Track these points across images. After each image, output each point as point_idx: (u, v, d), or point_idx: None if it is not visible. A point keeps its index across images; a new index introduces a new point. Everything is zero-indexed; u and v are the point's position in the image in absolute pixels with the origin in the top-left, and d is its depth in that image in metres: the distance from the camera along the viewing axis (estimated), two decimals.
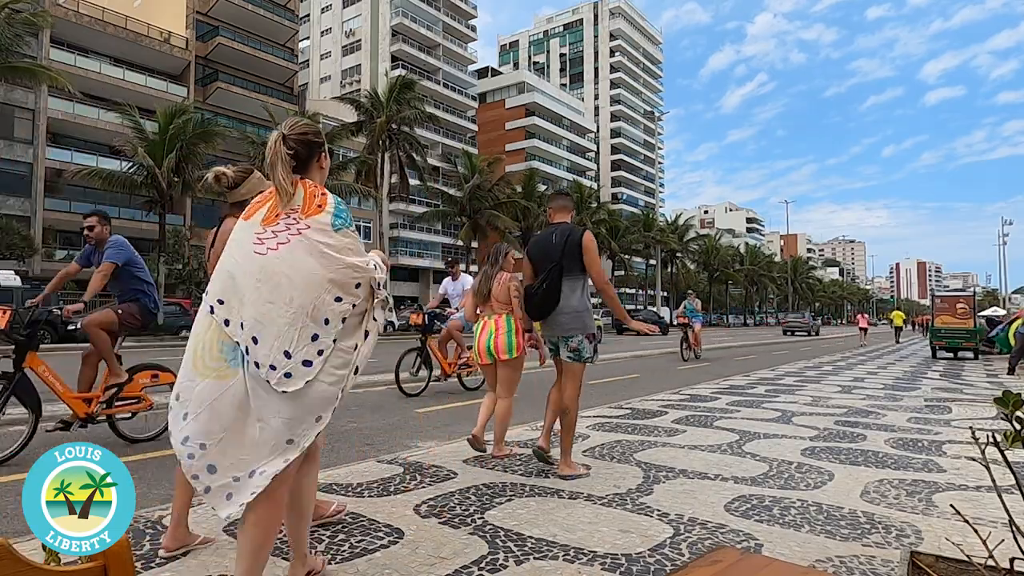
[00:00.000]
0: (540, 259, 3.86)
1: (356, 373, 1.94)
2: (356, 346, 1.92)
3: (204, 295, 1.93)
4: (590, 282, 3.87)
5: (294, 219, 1.89)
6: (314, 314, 1.82)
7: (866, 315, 31.40)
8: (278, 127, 2.01)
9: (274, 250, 1.85)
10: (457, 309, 8.12)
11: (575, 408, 3.86)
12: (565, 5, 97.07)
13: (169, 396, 1.93)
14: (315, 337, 1.82)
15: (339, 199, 1.96)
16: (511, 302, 4.26)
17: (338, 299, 1.86)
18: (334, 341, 1.85)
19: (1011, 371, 12.26)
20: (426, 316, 8.42)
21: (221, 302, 1.86)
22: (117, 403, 5.03)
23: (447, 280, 8.59)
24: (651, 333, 4.47)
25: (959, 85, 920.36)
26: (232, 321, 1.83)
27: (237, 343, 1.81)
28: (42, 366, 4.75)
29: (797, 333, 42.10)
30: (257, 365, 1.78)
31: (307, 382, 1.80)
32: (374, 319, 1.98)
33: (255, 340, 1.79)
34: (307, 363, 1.81)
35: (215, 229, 2.60)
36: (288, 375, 1.78)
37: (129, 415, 5.22)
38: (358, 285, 1.90)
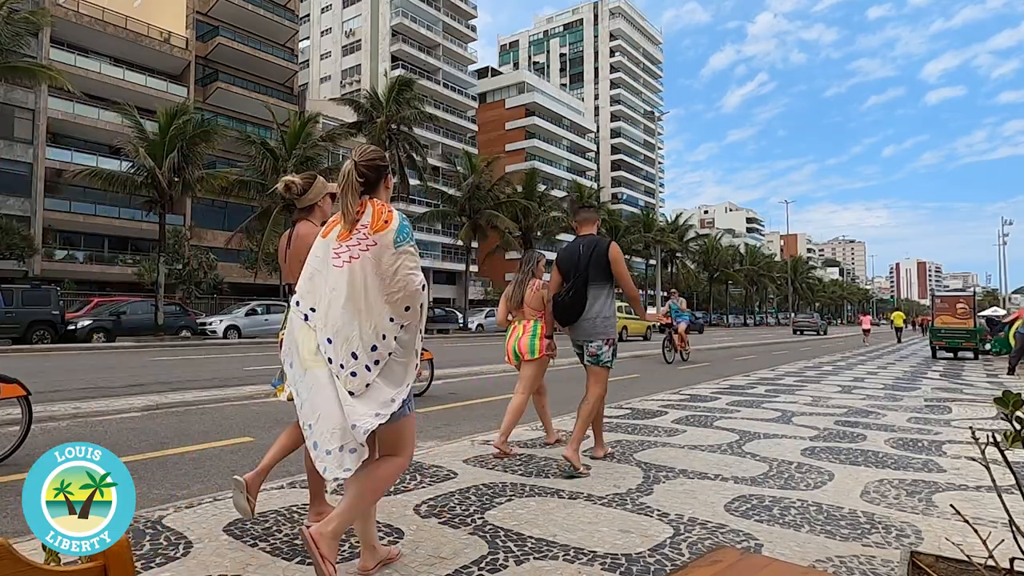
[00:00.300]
0: (567, 269, 4.09)
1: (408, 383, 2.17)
2: (411, 360, 2.18)
3: (294, 302, 2.23)
4: (616, 290, 4.13)
5: (364, 235, 2.15)
6: (375, 327, 2.09)
7: (869, 316, 31.74)
8: (351, 155, 2.27)
9: (348, 263, 2.13)
10: None
11: (597, 407, 4.08)
12: (565, 5, 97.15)
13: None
14: (374, 348, 2.08)
15: (404, 216, 2.21)
16: (542, 308, 4.43)
17: (391, 319, 2.11)
18: (389, 354, 2.11)
19: (1011, 371, 12.26)
20: None
21: (313, 310, 2.17)
22: None
23: None
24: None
25: (960, 85, 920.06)
26: (317, 325, 2.13)
27: (317, 335, 2.12)
28: None
29: (806, 333, 44.40)
30: (330, 361, 2.07)
31: (367, 384, 2.06)
32: (415, 342, 2.20)
33: (329, 341, 2.09)
34: (368, 368, 2.07)
35: (289, 232, 2.87)
36: (353, 374, 2.05)
37: None
38: (407, 308, 2.13)
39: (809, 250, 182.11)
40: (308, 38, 61.39)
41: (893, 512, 3.13)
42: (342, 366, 2.06)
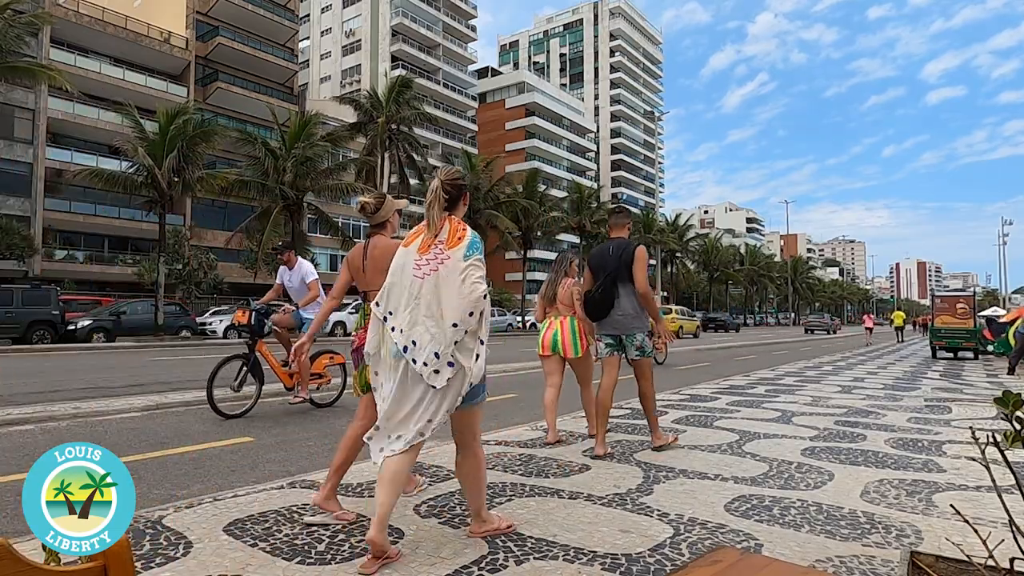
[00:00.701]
0: (598, 268, 4.46)
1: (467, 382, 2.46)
2: (482, 357, 2.49)
3: (375, 304, 2.58)
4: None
5: (440, 250, 2.49)
6: (453, 331, 2.39)
7: (872, 315, 32.84)
8: (436, 175, 2.61)
9: (428, 275, 2.46)
10: (297, 307, 6.69)
11: (652, 394, 4.53)
12: (565, 5, 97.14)
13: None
14: (454, 345, 2.41)
15: (475, 233, 2.54)
16: (574, 305, 4.78)
17: (454, 325, 2.40)
18: (463, 352, 2.43)
19: (1011, 371, 12.26)
20: (254, 314, 6.44)
21: (391, 313, 2.51)
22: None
23: (282, 269, 6.79)
24: (668, 342, 4.90)
25: (960, 85, 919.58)
26: (395, 328, 2.46)
27: (396, 343, 2.44)
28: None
29: (817, 332, 48.56)
30: (414, 361, 2.39)
31: (448, 379, 2.39)
32: (481, 341, 2.49)
33: (414, 343, 2.41)
34: (450, 364, 2.39)
35: (364, 244, 3.22)
36: (437, 371, 2.38)
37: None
38: (471, 313, 2.43)
39: (809, 250, 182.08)
40: (308, 38, 61.39)
41: (893, 512, 3.13)
42: (425, 364, 2.38)
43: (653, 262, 53.83)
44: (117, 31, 35.62)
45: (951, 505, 2.03)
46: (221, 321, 23.34)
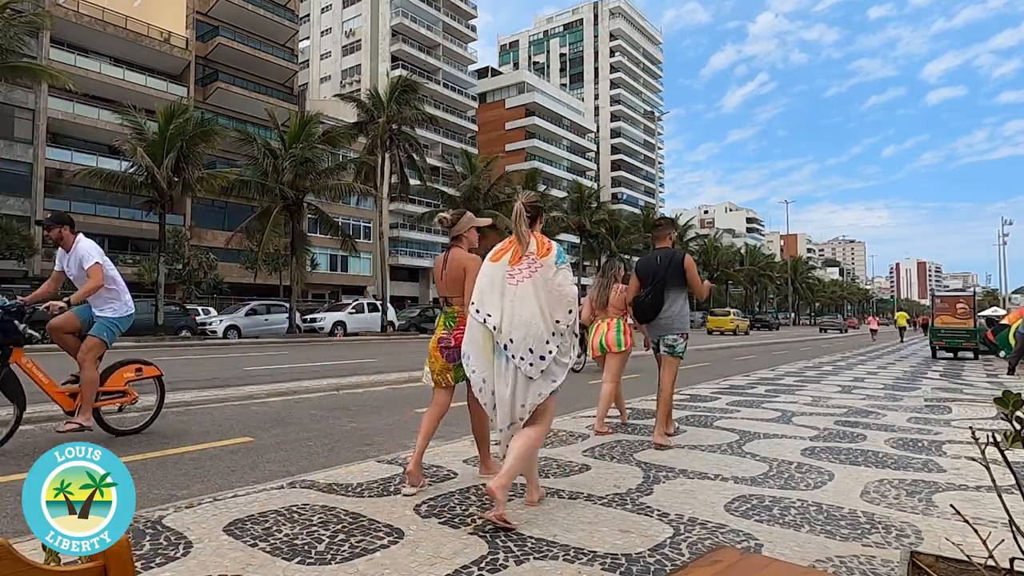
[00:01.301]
0: (645, 276, 4.89)
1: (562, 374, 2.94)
2: (571, 352, 2.98)
3: (474, 310, 3.03)
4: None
5: (532, 259, 2.96)
6: (546, 328, 2.86)
7: (876, 317, 34.53)
8: (518, 198, 3.11)
9: (522, 282, 2.92)
10: (68, 303, 5.01)
11: (671, 389, 4.89)
12: (565, 5, 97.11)
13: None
14: (546, 343, 2.87)
15: (559, 245, 3.04)
16: (625, 307, 5.26)
17: (557, 321, 2.89)
18: (557, 347, 2.89)
19: (1011, 371, 12.26)
20: (4, 313, 4.64)
21: (490, 315, 2.93)
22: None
23: (59, 252, 5.23)
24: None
25: (961, 85, 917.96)
26: (496, 327, 2.90)
27: (497, 342, 2.90)
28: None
29: (830, 331, 53.72)
30: (512, 356, 2.85)
31: (541, 372, 2.85)
32: (575, 334, 2.99)
33: (511, 340, 2.86)
34: (542, 358, 2.85)
35: (444, 255, 3.59)
36: (531, 364, 2.84)
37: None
38: (570, 311, 2.91)
39: (809, 250, 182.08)
40: (308, 38, 61.38)
41: (893, 512, 3.13)
42: (522, 358, 2.84)
43: None
44: (117, 31, 35.63)
45: (951, 505, 2.03)
46: (221, 321, 23.31)
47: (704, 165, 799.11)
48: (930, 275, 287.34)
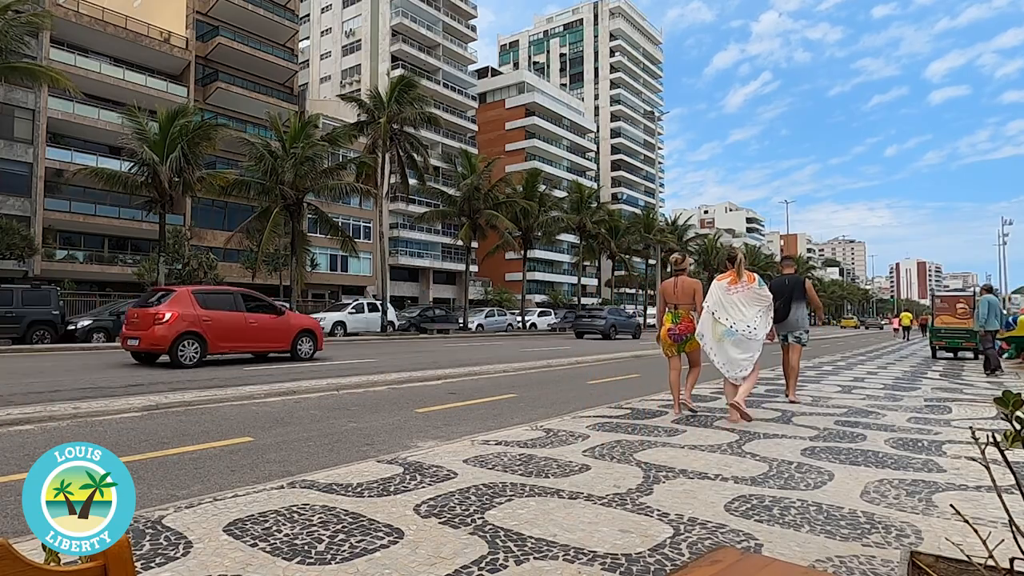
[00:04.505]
0: (778, 293, 7.04)
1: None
2: (763, 336, 5.88)
3: (711, 312, 5.83)
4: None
5: (745, 283, 5.85)
6: (753, 320, 5.75)
7: (898, 318, 38.86)
8: (738, 256, 6.06)
9: (737, 293, 5.81)
10: None
11: (798, 366, 7.59)
12: (565, 5, 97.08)
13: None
14: (753, 329, 5.73)
15: (760, 276, 6.06)
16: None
17: (760, 315, 5.81)
18: (756, 327, 5.76)
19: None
20: None
21: (716, 311, 5.80)
22: None
23: None
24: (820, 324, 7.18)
25: (964, 84, 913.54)
26: (721, 318, 5.78)
27: (725, 325, 5.76)
28: None
29: (871, 328, 63.38)
30: (737, 331, 5.71)
31: (757, 339, 5.77)
32: (770, 320, 5.93)
33: (734, 327, 5.72)
34: (755, 330, 5.74)
35: (673, 280, 6.30)
36: (750, 336, 5.73)
37: None
38: (768, 307, 5.91)
39: (809, 250, 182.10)
40: (308, 38, 61.37)
41: (893, 512, 3.12)
42: (743, 332, 5.68)
43: (653, 262, 53.94)
44: (117, 31, 35.61)
45: (951, 505, 2.03)
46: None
47: (706, 165, 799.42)
48: (930, 275, 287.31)
